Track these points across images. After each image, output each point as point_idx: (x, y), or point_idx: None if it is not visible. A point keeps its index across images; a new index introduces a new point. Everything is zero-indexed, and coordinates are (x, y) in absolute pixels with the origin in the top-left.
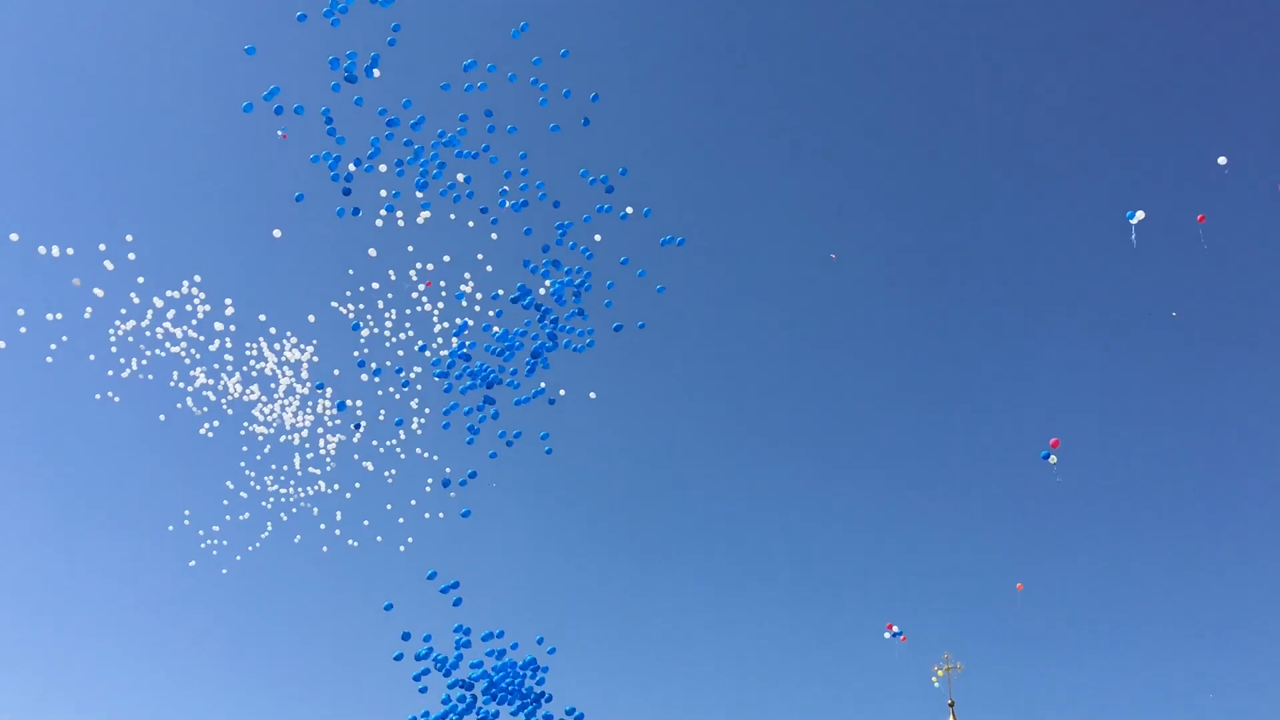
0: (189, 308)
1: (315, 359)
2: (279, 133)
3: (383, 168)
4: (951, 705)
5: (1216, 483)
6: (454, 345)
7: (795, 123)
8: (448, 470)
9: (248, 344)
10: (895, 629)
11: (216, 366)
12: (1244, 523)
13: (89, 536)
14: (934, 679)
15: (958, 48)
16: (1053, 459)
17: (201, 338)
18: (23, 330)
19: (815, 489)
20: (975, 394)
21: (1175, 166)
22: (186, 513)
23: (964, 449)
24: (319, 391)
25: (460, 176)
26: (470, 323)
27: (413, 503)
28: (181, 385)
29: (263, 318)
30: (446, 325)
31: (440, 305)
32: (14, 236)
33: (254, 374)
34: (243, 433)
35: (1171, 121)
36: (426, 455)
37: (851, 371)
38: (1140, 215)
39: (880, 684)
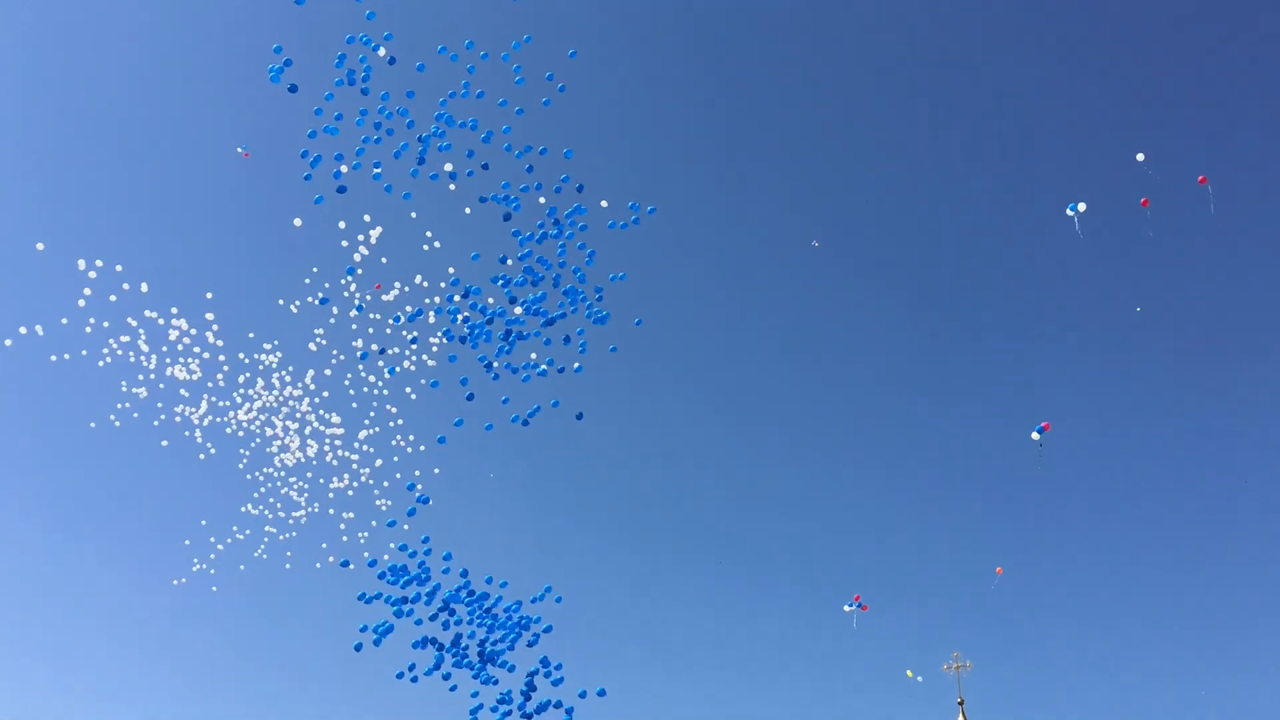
0: (191, 334)
1: (314, 386)
2: (240, 151)
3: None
4: (961, 704)
5: (1225, 485)
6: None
7: (798, 126)
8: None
9: (243, 374)
10: (859, 599)
11: (223, 400)
12: (1258, 524)
13: (90, 552)
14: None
15: (962, 45)
16: (1035, 435)
17: (201, 362)
18: (41, 332)
19: (825, 488)
20: (983, 396)
21: (1177, 168)
22: (203, 522)
23: (974, 450)
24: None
25: (448, 167)
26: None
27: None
28: (182, 408)
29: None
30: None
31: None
32: (39, 245)
33: (255, 397)
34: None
35: (1174, 121)
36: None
37: (860, 372)
38: (1082, 207)
39: (889, 682)
